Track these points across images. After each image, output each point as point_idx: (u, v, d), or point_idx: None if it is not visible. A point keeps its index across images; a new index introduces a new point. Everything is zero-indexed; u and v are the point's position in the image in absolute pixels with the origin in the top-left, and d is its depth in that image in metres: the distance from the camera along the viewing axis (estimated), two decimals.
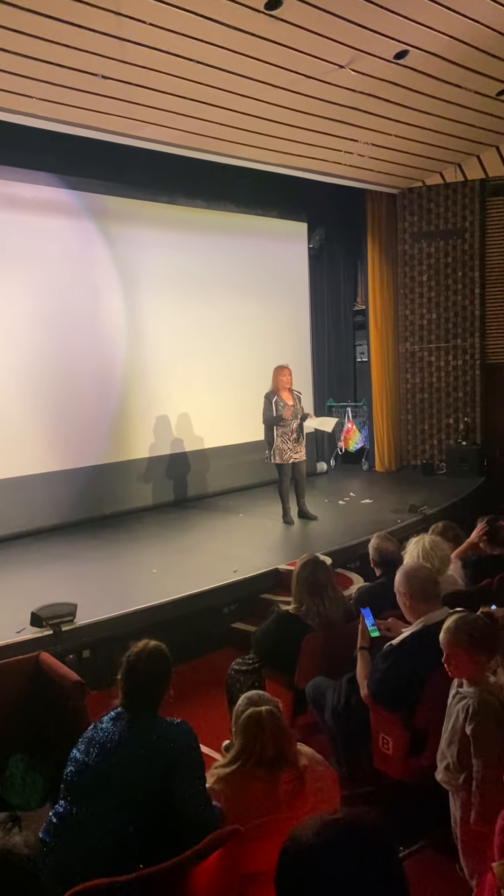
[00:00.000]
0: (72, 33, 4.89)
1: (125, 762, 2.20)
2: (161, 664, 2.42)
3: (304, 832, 1.13)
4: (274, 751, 2.27)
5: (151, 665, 2.40)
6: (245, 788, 2.20)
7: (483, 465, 9.35)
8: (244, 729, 2.30)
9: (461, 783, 2.46)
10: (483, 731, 2.39)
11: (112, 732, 2.28)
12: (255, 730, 2.28)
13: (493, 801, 2.34)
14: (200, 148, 7.19)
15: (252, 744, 2.27)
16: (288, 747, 2.30)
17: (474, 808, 2.39)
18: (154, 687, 2.37)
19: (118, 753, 2.22)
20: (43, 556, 6.39)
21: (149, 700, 2.36)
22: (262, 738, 2.27)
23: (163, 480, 8.25)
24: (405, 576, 3.19)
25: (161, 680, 2.40)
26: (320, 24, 5.38)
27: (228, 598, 5.46)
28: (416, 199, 9.66)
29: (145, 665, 2.39)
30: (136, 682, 2.35)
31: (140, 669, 2.37)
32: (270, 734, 2.28)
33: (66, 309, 7.36)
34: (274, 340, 9.04)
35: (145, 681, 2.36)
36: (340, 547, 6.20)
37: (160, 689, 2.39)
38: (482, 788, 2.37)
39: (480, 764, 2.38)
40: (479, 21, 5.86)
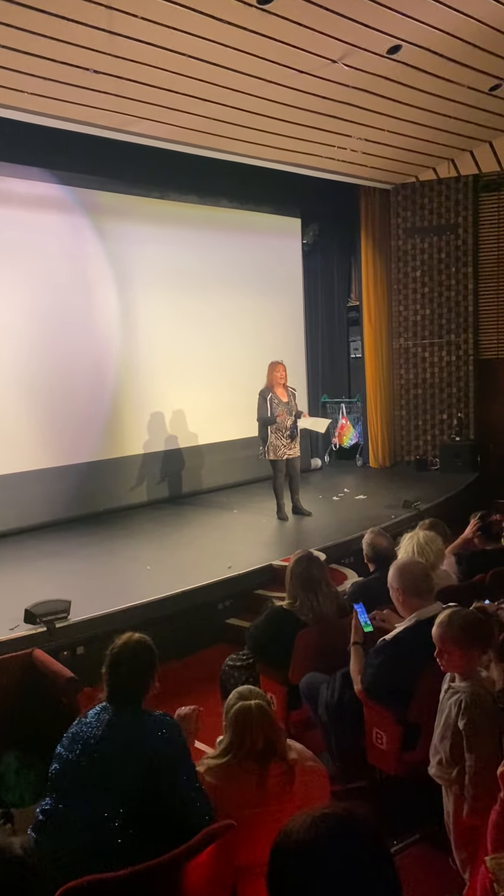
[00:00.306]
0: (63, 27, 4.86)
1: (109, 757, 2.18)
2: (145, 657, 2.39)
3: (295, 828, 1.13)
4: (263, 744, 2.27)
5: (135, 658, 2.36)
6: (235, 781, 2.21)
7: (476, 461, 9.38)
8: (234, 722, 2.31)
9: (454, 777, 2.48)
10: (475, 725, 2.40)
11: (96, 727, 2.25)
12: (244, 723, 2.29)
13: (486, 795, 2.35)
14: (193, 143, 7.17)
15: (242, 737, 2.28)
16: (278, 741, 2.31)
17: (467, 803, 2.40)
18: (138, 680, 2.33)
19: (102, 749, 2.20)
20: (37, 553, 6.38)
21: (133, 693, 2.32)
22: (252, 732, 2.27)
23: (157, 477, 8.25)
24: (398, 571, 3.20)
25: (145, 673, 2.36)
26: (312, 18, 5.37)
27: (223, 594, 5.47)
28: (410, 194, 9.66)
29: (129, 658, 2.35)
30: (120, 676, 2.32)
31: (124, 662, 2.34)
32: (260, 728, 2.28)
33: (59, 305, 7.33)
34: (268, 336, 9.03)
35: (129, 674, 2.32)
36: (334, 543, 6.21)
37: (145, 682, 2.35)
38: (475, 783, 2.38)
39: (473, 758, 2.39)
40: (471, 16, 5.85)
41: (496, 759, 2.32)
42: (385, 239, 9.76)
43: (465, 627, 2.51)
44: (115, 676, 2.32)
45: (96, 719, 2.28)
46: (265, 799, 2.18)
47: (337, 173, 8.76)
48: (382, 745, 3.09)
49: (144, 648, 2.40)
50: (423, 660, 2.90)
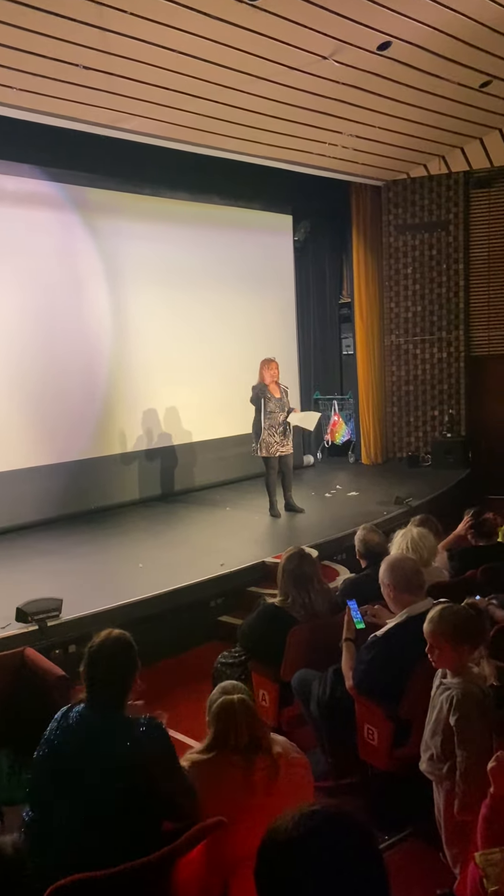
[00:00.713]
0: (52, 23, 4.84)
1: (91, 764, 2.09)
2: (125, 654, 2.27)
3: (283, 824, 1.14)
4: (248, 737, 2.27)
5: (114, 655, 2.25)
6: (221, 775, 2.21)
7: (468, 457, 9.41)
8: (217, 717, 2.30)
9: (445, 773, 2.49)
10: (466, 721, 2.41)
11: (75, 732, 2.15)
12: (227, 718, 2.28)
13: (477, 790, 2.36)
14: (184, 140, 7.15)
15: (226, 732, 2.27)
16: (262, 735, 2.31)
17: (458, 798, 2.41)
18: (119, 678, 2.23)
19: (83, 755, 2.11)
20: (28, 552, 6.36)
21: (114, 693, 2.22)
22: (236, 726, 2.27)
23: (149, 474, 8.23)
24: (389, 567, 3.21)
25: (126, 670, 2.25)
26: (302, 14, 5.36)
27: (215, 592, 5.47)
28: (401, 191, 9.66)
29: (108, 656, 2.25)
30: (100, 674, 2.22)
31: (102, 660, 2.24)
32: (244, 722, 2.27)
33: (50, 302, 7.30)
34: (260, 333, 9.02)
35: (109, 672, 2.22)
36: (327, 539, 6.22)
37: (125, 680, 2.24)
38: (465, 779, 2.39)
39: (464, 754, 2.40)
40: (461, 12, 5.86)
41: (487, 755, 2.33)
42: (376, 236, 9.76)
43: (456, 623, 2.52)
44: (94, 675, 2.23)
45: (75, 723, 2.18)
46: (251, 792, 2.18)
47: (328, 170, 8.76)
48: (374, 741, 3.10)
49: (124, 645, 2.29)
50: (414, 656, 2.91)
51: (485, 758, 2.35)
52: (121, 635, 2.31)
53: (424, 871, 2.76)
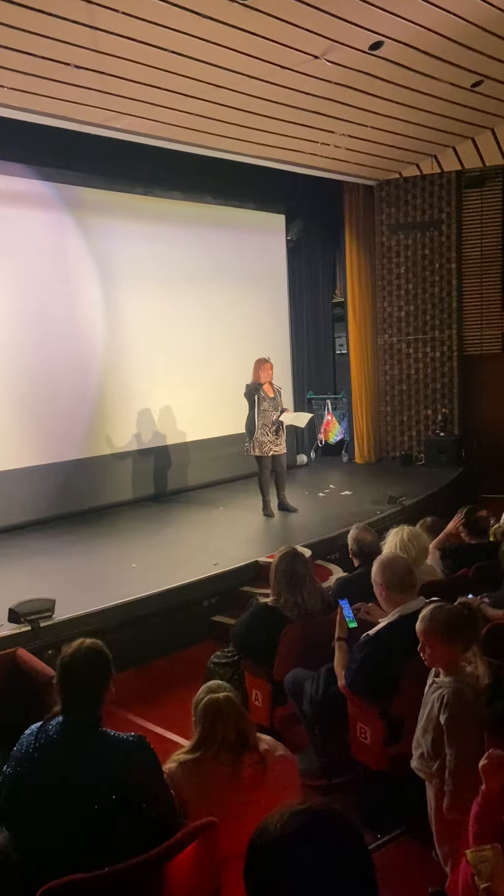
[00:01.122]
0: (43, 22, 4.82)
1: (74, 783, 2.03)
2: (97, 663, 2.23)
3: (272, 823, 1.14)
4: (235, 735, 2.27)
5: (87, 665, 2.21)
6: (209, 774, 2.21)
7: (461, 456, 9.43)
8: (204, 716, 2.30)
9: (434, 771, 2.49)
10: (456, 720, 2.41)
11: (56, 748, 2.08)
12: (214, 716, 2.28)
13: (466, 789, 2.37)
14: (176, 139, 7.14)
15: (213, 730, 2.26)
16: (249, 732, 2.31)
17: (447, 797, 2.42)
18: (92, 689, 2.18)
19: (65, 772, 2.04)
20: (21, 552, 6.34)
21: (88, 704, 2.16)
22: (223, 724, 2.26)
23: (143, 474, 8.22)
24: (381, 566, 3.21)
25: (99, 681, 2.21)
26: (294, 13, 5.36)
27: (208, 592, 5.47)
28: (394, 190, 9.68)
29: (81, 666, 2.20)
30: (73, 686, 2.17)
31: (76, 671, 2.19)
32: (231, 720, 2.27)
33: (43, 301, 7.28)
34: (253, 333, 9.02)
35: (82, 683, 2.17)
36: (320, 539, 6.22)
37: (99, 690, 2.19)
38: (455, 777, 2.40)
39: (453, 753, 2.40)
40: (453, 12, 5.87)
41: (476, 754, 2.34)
42: (369, 235, 9.77)
43: (447, 622, 2.52)
44: (67, 687, 2.18)
45: (56, 737, 2.12)
46: (240, 790, 2.19)
47: (320, 169, 8.76)
48: (366, 740, 3.11)
49: (97, 654, 2.25)
50: (407, 654, 2.91)
51: (474, 757, 2.36)
52: (93, 645, 2.27)
53: (417, 869, 2.76)
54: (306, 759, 3.54)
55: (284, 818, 1.13)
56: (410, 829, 2.95)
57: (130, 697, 4.53)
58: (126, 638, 4.93)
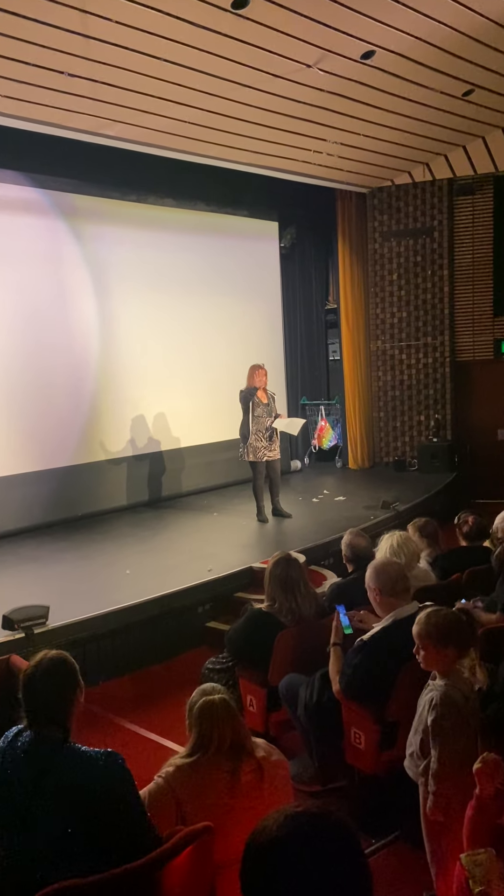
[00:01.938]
0: (36, 30, 4.85)
1: (41, 800, 1.95)
2: (61, 673, 2.14)
3: (268, 826, 1.14)
4: (231, 738, 2.25)
5: (50, 676, 2.12)
6: (207, 780, 2.20)
7: (454, 461, 9.47)
8: (199, 719, 2.28)
9: (421, 771, 2.52)
10: (442, 722, 2.43)
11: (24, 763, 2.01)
12: (210, 719, 2.26)
13: (448, 791, 2.38)
14: (169, 147, 7.17)
15: (209, 734, 2.24)
16: (245, 737, 2.30)
17: (430, 798, 2.43)
18: (57, 700, 2.09)
19: (32, 789, 1.97)
20: (15, 559, 6.33)
21: (54, 719, 2.07)
22: (219, 727, 2.24)
23: (137, 480, 8.22)
24: (374, 571, 3.22)
25: (64, 690, 2.11)
26: (287, 23, 5.40)
27: (203, 598, 5.47)
28: (386, 198, 9.74)
29: (43, 677, 2.11)
30: (37, 698, 2.08)
31: (38, 682, 2.11)
32: (226, 722, 2.26)
33: (36, 308, 7.29)
34: (247, 339, 9.05)
35: (46, 694, 2.08)
36: (314, 544, 6.23)
37: (65, 701, 2.10)
38: (436, 778, 2.41)
39: (436, 754, 2.42)
40: (443, 22, 5.93)
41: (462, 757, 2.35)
42: (362, 242, 9.83)
43: (440, 626, 2.54)
44: (30, 700, 2.10)
45: (24, 751, 2.04)
46: (237, 795, 2.18)
47: (313, 177, 8.81)
48: (360, 745, 3.11)
49: (60, 664, 2.16)
50: (401, 659, 2.93)
51: (458, 760, 2.38)
52: (56, 657, 2.18)
53: (412, 873, 2.77)
54: (301, 765, 3.55)
55: (281, 820, 1.13)
56: (405, 834, 2.95)
57: (125, 704, 4.53)
58: (120, 644, 4.93)
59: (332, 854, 1.13)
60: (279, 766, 2.31)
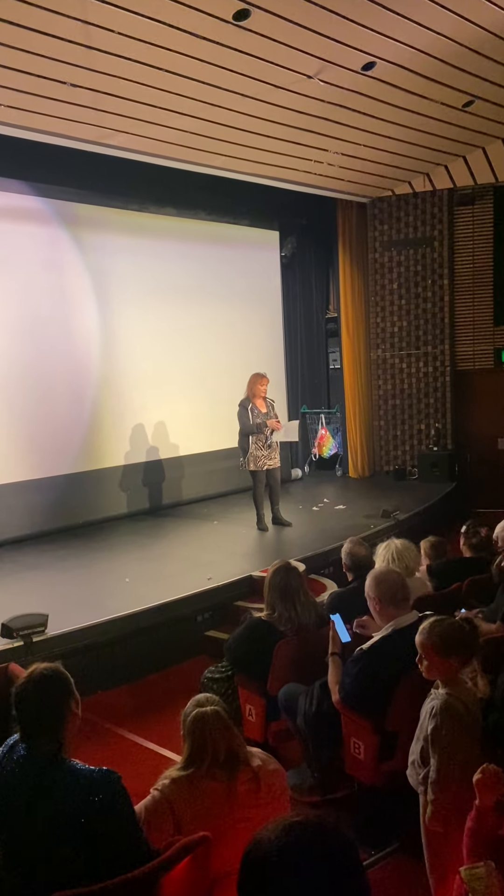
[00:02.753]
0: (39, 41, 4.88)
1: (35, 816, 1.92)
2: (54, 686, 2.08)
3: (266, 835, 1.14)
4: (225, 751, 2.23)
5: (43, 689, 2.06)
6: (204, 791, 2.18)
7: (454, 470, 9.47)
8: (192, 731, 2.26)
9: (421, 780, 2.50)
10: (441, 731, 2.42)
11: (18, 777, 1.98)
12: (203, 731, 2.24)
13: (447, 801, 2.37)
14: (171, 156, 7.21)
15: (203, 745, 2.23)
16: (238, 745, 2.28)
17: (429, 807, 2.42)
18: (50, 713, 2.03)
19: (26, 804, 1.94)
20: (14, 566, 6.32)
21: (46, 735, 2.02)
22: (213, 739, 2.22)
23: (137, 488, 8.22)
24: (374, 580, 3.21)
25: (57, 703, 2.05)
26: (288, 35, 5.44)
27: (202, 606, 5.45)
28: (386, 208, 9.78)
29: (35, 691, 2.06)
30: (30, 712, 2.03)
31: (31, 696, 2.05)
32: (220, 734, 2.24)
33: (38, 316, 7.31)
34: (247, 348, 9.07)
35: (39, 708, 2.03)
36: (314, 553, 6.22)
37: (58, 714, 2.04)
38: (436, 787, 2.40)
39: (435, 763, 2.41)
40: (443, 34, 5.97)
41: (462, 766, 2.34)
42: (362, 251, 9.86)
43: (444, 636, 2.53)
44: (22, 714, 2.04)
45: (19, 765, 2.00)
46: (234, 807, 2.16)
47: (314, 187, 8.86)
48: (360, 755, 3.10)
49: (53, 677, 2.10)
50: (401, 668, 2.92)
51: (457, 769, 2.36)
52: (48, 670, 2.13)
53: (411, 885, 2.75)
54: (300, 775, 3.53)
55: (278, 830, 1.13)
56: (405, 846, 2.93)
57: (123, 713, 4.51)
58: (119, 653, 4.91)
59: (329, 864, 1.12)
60: (276, 776, 2.29)
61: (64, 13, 4.65)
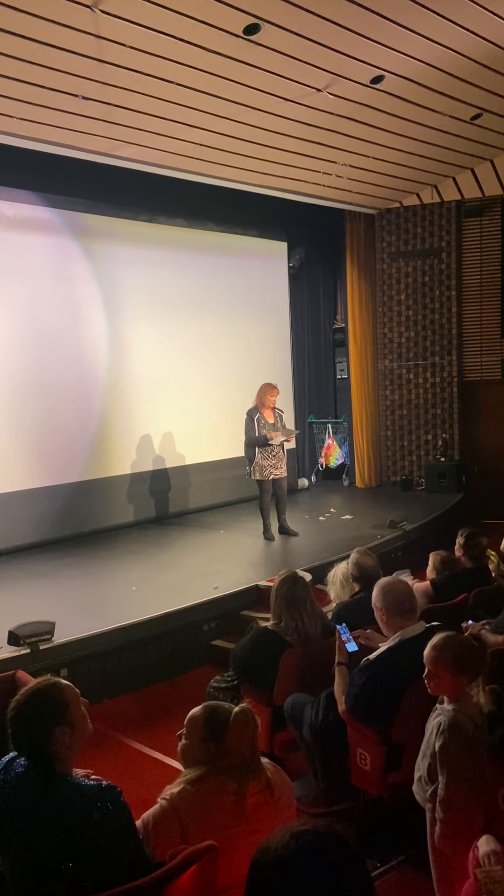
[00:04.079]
0: (52, 55, 4.95)
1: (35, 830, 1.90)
2: (43, 701, 2.03)
3: (273, 843, 1.14)
4: (250, 751, 2.19)
5: (32, 705, 2.02)
6: (212, 802, 2.16)
7: (461, 481, 9.44)
8: (232, 727, 2.21)
9: (429, 797, 2.49)
10: (449, 748, 2.40)
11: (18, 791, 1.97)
12: (243, 728, 2.20)
13: (456, 819, 2.35)
14: (180, 167, 7.27)
15: (236, 743, 2.19)
16: (256, 751, 2.24)
17: (438, 826, 2.40)
18: (36, 729, 1.99)
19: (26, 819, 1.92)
20: (21, 574, 6.34)
21: (34, 751, 2.00)
22: (245, 738, 2.19)
23: (144, 497, 8.24)
24: (381, 590, 3.21)
25: (42, 719, 1.99)
26: (298, 49, 5.49)
27: (208, 615, 5.45)
28: (394, 219, 9.82)
29: (25, 705, 2.03)
30: (21, 731, 2.01)
31: (23, 710, 2.02)
32: (252, 733, 2.21)
33: (47, 326, 7.36)
34: (254, 357, 9.10)
35: (26, 723, 2.00)
36: (321, 563, 6.20)
37: (43, 730, 1.99)
38: (444, 805, 2.38)
39: (444, 780, 2.39)
40: (451, 48, 6.02)
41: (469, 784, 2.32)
42: (370, 262, 9.90)
43: (458, 653, 2.50)
44: (15, 730, 2.02)
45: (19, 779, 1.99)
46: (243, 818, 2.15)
47: (322, 198, 8.90)
48: (366, 767, 3.09)
49: (46, 691, 2.05)
50: (407, 679, 2.92)
51: (465, 787, 2.35)
52: (43, 682, 2.10)
53: None
54: (306, 786, 3.52)
55: (286, 838, 1.13)
56: (411, 858, 2.92)
57: (129, 722, 4.51)
58: (125, 662, 4.92)
59: (337, 872, 1.13)
60: (284, 788, 2.28)
61: (77, 28, 4.71)
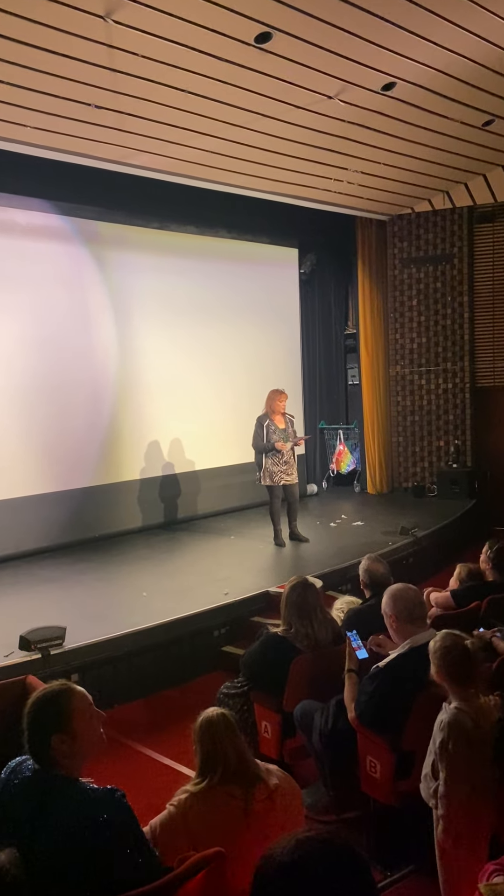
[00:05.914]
0: (65, 64, 5.00)
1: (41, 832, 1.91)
2: (46, 707, 2.03)
3: (278, 850, 1.14)
4: (236, 755, 2.21)
5: (37, 710, 2.04)
6: (219, 808, 2.16)
7: (474, 488, 9.39)
8: (201, 737, 2.26)
9: (431, 794, 2.49)
10: (449, 745, 2.41)
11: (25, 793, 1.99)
12: (211, 734, 2.23)
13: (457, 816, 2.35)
14: (192, 175, 7.31)
15: (213, 750, 2.21)
16: (248, 755, 2.26)
17: (441, 822, 2.40)
18: (37, 735, 2.01)
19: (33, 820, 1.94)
20: (32, 579, 6.37)
21: (36, 751, 2.01)
22: (222, 743, 2.21)
23: (153, 502, 8.25)
24: (391, 597, 3.20)
25: (41, 726, 2.01)
26: (309, 56, 5.52)
27: (219, 621, 5.45)
28: (406, 225, 9.81)
29: (31, 711, 2.04)
30: (28, 732, 2.03)
31: (29, 715, 2.04)
32: (228, 737, 2.23)
33: (58, 333, 7.41)
34: (265, 363, 9.11)
35: (30, 728, 2.02)
36: (332, 569, 6.20)
37: (42, 737, 2.00)
38: (445, 801, 2.39)
39: (443, 776, 2.40)
40: (462, 55, 6.02)
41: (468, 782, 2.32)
42: (381, 268, 9.90)
43: (448, 659, 2.55)
44: (25, 732, 2.04)
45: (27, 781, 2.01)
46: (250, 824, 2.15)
47: (334, 205, 8.92)
48: (376, 774, 3.07)
49: (50, 698, 2.05)
50: (417, 687, 2.90)
51: (465, 784, 2.35)
52: (50, 688, 2.10)
53: None
54: (316, 794, 3.50)
55: (290, 846, 1.13)
56: (421, 867, 2.89)
57: (139, 728, 4.51)
58: (136, 667, 4.92)
59: (340, 879, 1.12)
60: (293, 795, 2.28)
61: (90, 38, 4.76)
